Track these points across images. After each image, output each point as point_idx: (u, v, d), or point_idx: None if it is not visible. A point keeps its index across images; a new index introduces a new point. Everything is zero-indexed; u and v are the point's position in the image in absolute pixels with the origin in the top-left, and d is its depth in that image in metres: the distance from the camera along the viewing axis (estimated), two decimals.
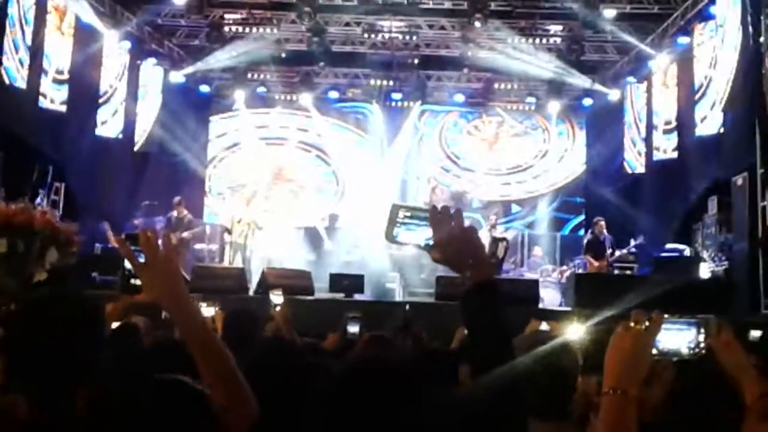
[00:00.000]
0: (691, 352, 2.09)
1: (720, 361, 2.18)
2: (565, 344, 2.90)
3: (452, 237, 1.85)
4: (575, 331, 4.31)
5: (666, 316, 2.06)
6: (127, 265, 2.13)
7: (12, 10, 12.60)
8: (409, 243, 1.91)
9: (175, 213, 14.70)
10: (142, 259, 2.06)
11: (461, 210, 1.93)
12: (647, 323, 2.00)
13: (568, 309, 11.81)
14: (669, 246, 14.05)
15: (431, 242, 1.88)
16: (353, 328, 5.45)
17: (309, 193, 19.75)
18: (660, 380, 2.37)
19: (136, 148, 17.27)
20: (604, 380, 1.98)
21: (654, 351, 2.03)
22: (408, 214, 1.93)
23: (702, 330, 2.10)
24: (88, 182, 14.58)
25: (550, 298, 13.57)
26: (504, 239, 15.08)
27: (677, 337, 2.09)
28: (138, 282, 2.10)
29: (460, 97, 19.36)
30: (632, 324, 2.00)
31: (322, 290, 12.14)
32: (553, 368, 2.70)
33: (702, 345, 2.09)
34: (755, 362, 2.35)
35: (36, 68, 13.42)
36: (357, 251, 16.13)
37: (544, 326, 4.23)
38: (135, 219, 14.88)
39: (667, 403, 2.47)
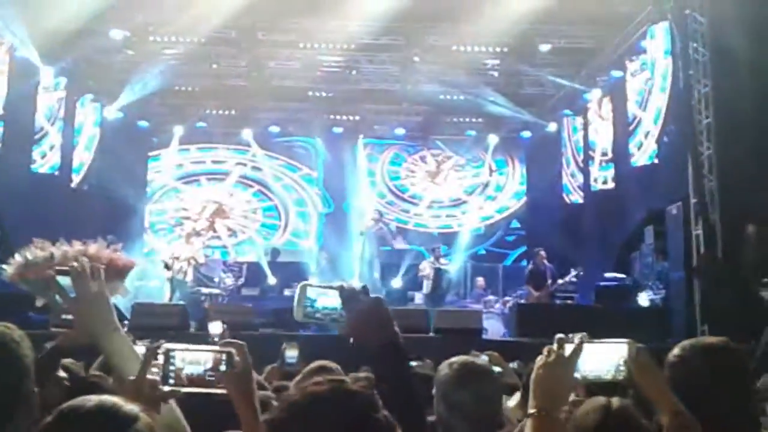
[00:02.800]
0: (612, 375, 2.18)
1: (638, 383, 2.26)
2: (488, 372, 3.00)
3: (362, 311, 2.06)
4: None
5: (588, 340, 2.16)
6: (59, 299, 2.08)
7: None
8: (318, 321, 2.10)
9: None
10: (73, 294, 2.03)
11: (367, 286, 2.12)
12: (570, 347, 2.10)
13: (511, 339, 11.94)
14: (609, 275, 14.29)
15: (341, 318, 2.08)
16: (291, 359, 5.47)
17: (251, 228, 19.61)
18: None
19: (73, 185, 16.98)
20: (530, 401, 2.08)
21: (577, 374, 2.12)
22: (315, 291, 2.11)
23: (622, 354, 2.19)
24: (24, 220, 14.22)
25: (493, 328, 13.66)
26: (447, 271, 15.30)
27: (599, 361, 2.17)
28: (69, 316, 2.07)
29: (400, 131, 19.51)
30: (555, 348, 2.09)
31: (265, 325, 12.02)
32: (478, 396, 2.83)
33: (622, 368, 2.18)
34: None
35: None
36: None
37: (483, 358, 4.28)
38: None
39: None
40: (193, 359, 1.93)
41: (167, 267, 14.04)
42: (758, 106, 10.76)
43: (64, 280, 2.09)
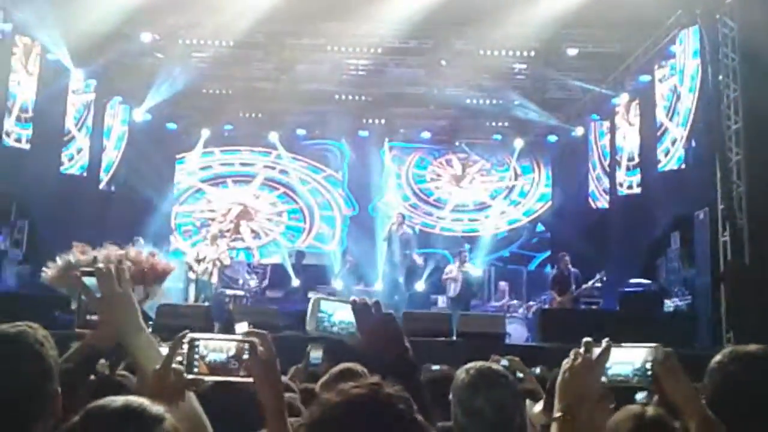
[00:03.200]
0: (638, 379, 2.17)
1: (665, 389, 2.24)
2: (505, 377, 3.01)
3: (375, 326, 2.09)
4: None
5: (616, 344, 2.15)
6: (84, 299, 2.11)
7: None
8: (334, 334, 2.14)
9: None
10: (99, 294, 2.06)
11: (379, 302, 2.15)
12: (597, 351, 2.11)
13: (534, 344, 11.89)
14: (634, 280, 14.19)
15: (354, 331, 2.11)
16: (315, 360, 5.50)
17: (275, 231, 19.68)
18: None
19: (101, 186, 17.16)
20: (555, 405, 2.09)
21: (603, 378, 2.13)
22: (329, 305, 2.15)
23: (647, 357, 2.18)
24: (52, 220, 14.42)
25: (516, 333, 13.60)
26: (476, 275, 15.34)
27: (626, 365, 2.17)
28: (94, 317, 2.09)
29: (426, 135, 19.51)
30: (582, 351, 2.10)
31: (289, 327, 12.04)
32: (494, 402, 2.87)
33: (649, 373, 2.16)
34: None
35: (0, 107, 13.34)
36: (325, 288, 16.14)
37: (504, 363, 4.26)
38: None
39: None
40: (216, 347, 1.98)
41: (192, 269, 14.16)
42: None
43: (91, 281, 2.12)
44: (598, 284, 14.24)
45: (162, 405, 1.80)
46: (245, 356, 1.99)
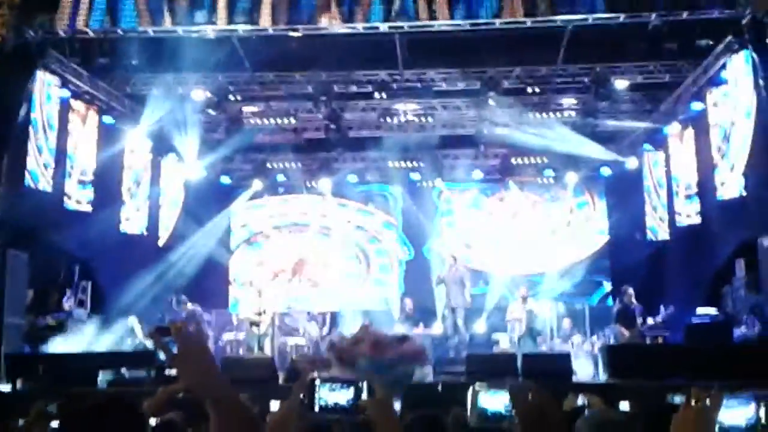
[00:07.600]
0: (751, 427, 2.09)
1: None
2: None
3: (534, 410, 2.17)
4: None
5: (725, 391, 2.05)
6: (161, 356, 2.17)
7: (35, 114, 12.92)
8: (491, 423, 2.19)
9: (183, 314, 14.94)
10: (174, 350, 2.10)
11: (538, 386, 2.21)
12: (707, 400, 2.02)
13: (604, 382, 11.62)
14: (700, 310, 13.87)
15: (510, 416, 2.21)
16: None
17: (333, 278, 19.67)
18: None
19: (160, 243, 17.43)
20: None
21: (717, 428, 2.04)
22: (484, 394, 2.22)
23: (761, 405, 2.09)
24: (114, 279, 14.71)
25: (582, 369, 13.39)
26: (542, 314, 15.17)
27: (737, 413, 2.08)
28: (173, 372, 2.13)
29: (478, 174, 19.45)
30: (693, 402, 2.02)
31: None
32: None
33: (763, 421, 2.08)
34: None
35: (60, 170, 13.69)
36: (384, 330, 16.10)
37: (581, 400, 4.17)
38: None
39: None
40: (335, 389, 2.15)
41: (255, 324, 14.27)
42: None
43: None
44: (664, 319, 14.01)
45: None
46: (363, 396, 2.15)
